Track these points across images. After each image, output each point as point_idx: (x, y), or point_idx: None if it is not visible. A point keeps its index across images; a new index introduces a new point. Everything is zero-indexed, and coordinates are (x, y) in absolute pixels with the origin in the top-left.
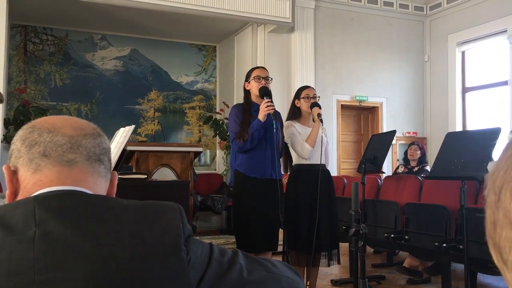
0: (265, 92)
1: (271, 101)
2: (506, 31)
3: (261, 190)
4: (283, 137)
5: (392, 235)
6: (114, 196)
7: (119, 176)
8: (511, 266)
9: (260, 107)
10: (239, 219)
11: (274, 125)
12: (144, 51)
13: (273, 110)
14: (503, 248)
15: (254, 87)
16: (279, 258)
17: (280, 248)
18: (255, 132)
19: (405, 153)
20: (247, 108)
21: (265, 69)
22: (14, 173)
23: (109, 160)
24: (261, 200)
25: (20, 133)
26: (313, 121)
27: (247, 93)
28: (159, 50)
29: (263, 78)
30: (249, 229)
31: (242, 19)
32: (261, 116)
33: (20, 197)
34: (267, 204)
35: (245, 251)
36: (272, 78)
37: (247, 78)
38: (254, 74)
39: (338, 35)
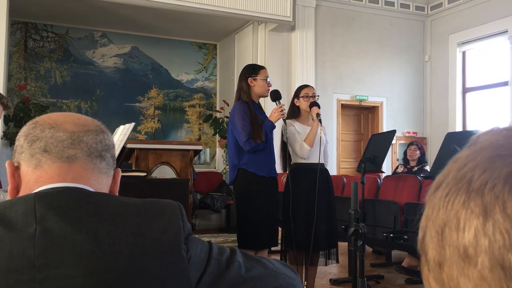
0: (277, 96)
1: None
2: (507, 31)
3: (268, 188)
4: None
5: (391, 235)
6: (117, 193)
7: None
8: None
9: (275, 110)
10: (247, 217)
11: (285, 128)
12: (144, 49)
13: (285, 115)
14: None
15: (262, 87)
16: (277, 257)
17: (278, 247)
18: (269, 134)
19: (405, 153)
20: (251, 105)
21: None
22: (16, 168)
23: (112, 156)
24: (269, 198)
25: (23, 129)
26: (312, 120)
27: (248, 89)
28: (160, 48)
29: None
30: (257, 226)
31: (243, 17)
32: (275, 119)
33: (22, 193)
34: (273, 202)
35: (248, 249)
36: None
37: (253, 74)
38: (263, 74)
39: (339, 34)
